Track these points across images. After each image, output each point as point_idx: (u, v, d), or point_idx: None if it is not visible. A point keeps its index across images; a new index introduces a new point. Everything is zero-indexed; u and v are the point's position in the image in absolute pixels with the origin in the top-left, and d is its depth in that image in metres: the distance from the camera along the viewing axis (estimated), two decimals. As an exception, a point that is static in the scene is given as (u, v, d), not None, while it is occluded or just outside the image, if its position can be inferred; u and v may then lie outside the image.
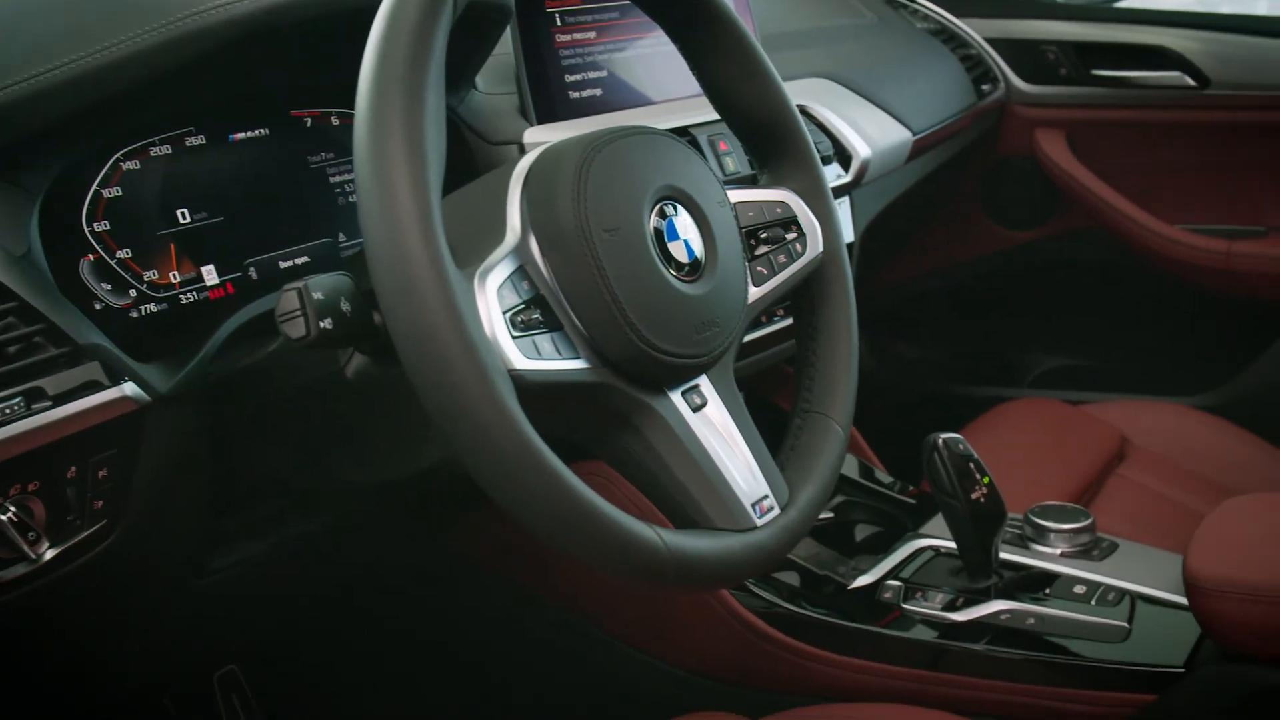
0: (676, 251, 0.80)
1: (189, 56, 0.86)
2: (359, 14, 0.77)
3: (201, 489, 0.96)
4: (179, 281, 0.94)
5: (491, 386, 0.66)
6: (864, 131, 1.51)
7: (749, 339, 1.30)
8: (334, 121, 1.06)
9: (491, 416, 0.65)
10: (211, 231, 0.96)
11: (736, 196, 0.92)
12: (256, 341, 0.93)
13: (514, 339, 0.71)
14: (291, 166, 1.03)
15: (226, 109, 0.98)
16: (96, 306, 0.88)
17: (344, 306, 0.74)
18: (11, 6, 0.91)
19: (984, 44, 2.12)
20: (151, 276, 0.92)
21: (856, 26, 1.98)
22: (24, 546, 0.81)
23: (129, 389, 0.84)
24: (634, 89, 1.27)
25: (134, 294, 0.91)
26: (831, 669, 1.21)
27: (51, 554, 0.83)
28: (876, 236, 1.68)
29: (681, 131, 1.23)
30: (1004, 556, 1.24)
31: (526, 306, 0.74)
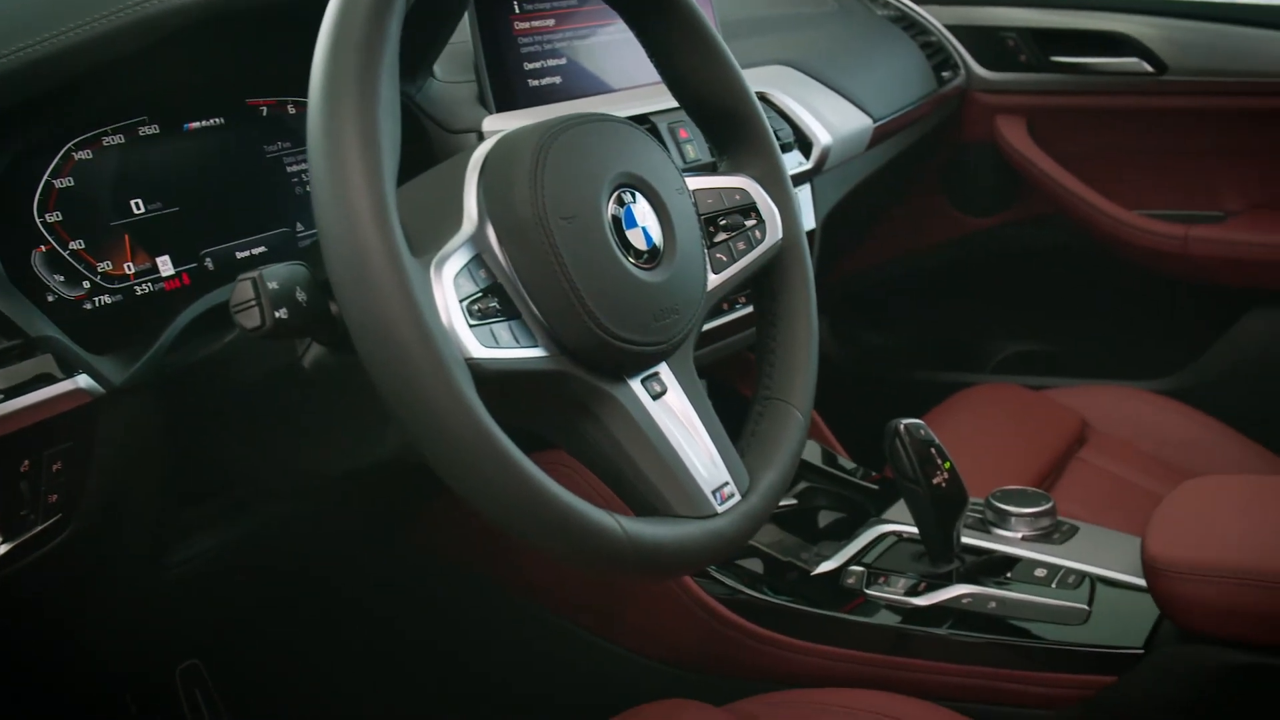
0: (635, 239, 0.80)
1: (140, 44, 0.85)
2: (313, 1, 0.76)
3: (159, 481, 0.95)
4: (133, 273, 0.93)
5: (448, 375, 0.65)
6: (825, 119, 1.51)
7: (710, 327, 1.30)
8: (290, 110, 1.05)
9: (448, 405, 0.65)
10: (166, 222, 0.95)
11: (695, 184, 0.92)
12: (213, 333, 0.93)
13: (471, 328, 0.71)
14: (247, 156, 1.02)
15: (180, 98, 0.97)
16: (49, 298, 0.87)
17: (300, 296, 0.73)
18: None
19: (944, 31, 2.12)
20: (105, 268, 0.91)
21: (817, 14, 1.98)
22: (-24, 541, 0.81)
23: (82, 381, 0.83)
24: (594, 76, 1.27)
25: (87, 285, 0.90)
26: (795, 655, 1.21)
27: (5, 549, 0.82)
28: (838, 224, 1.68)
29: (641, 119, 1.23)
30: (966, 541, 1.25)
31: (484, 295, 0.73)
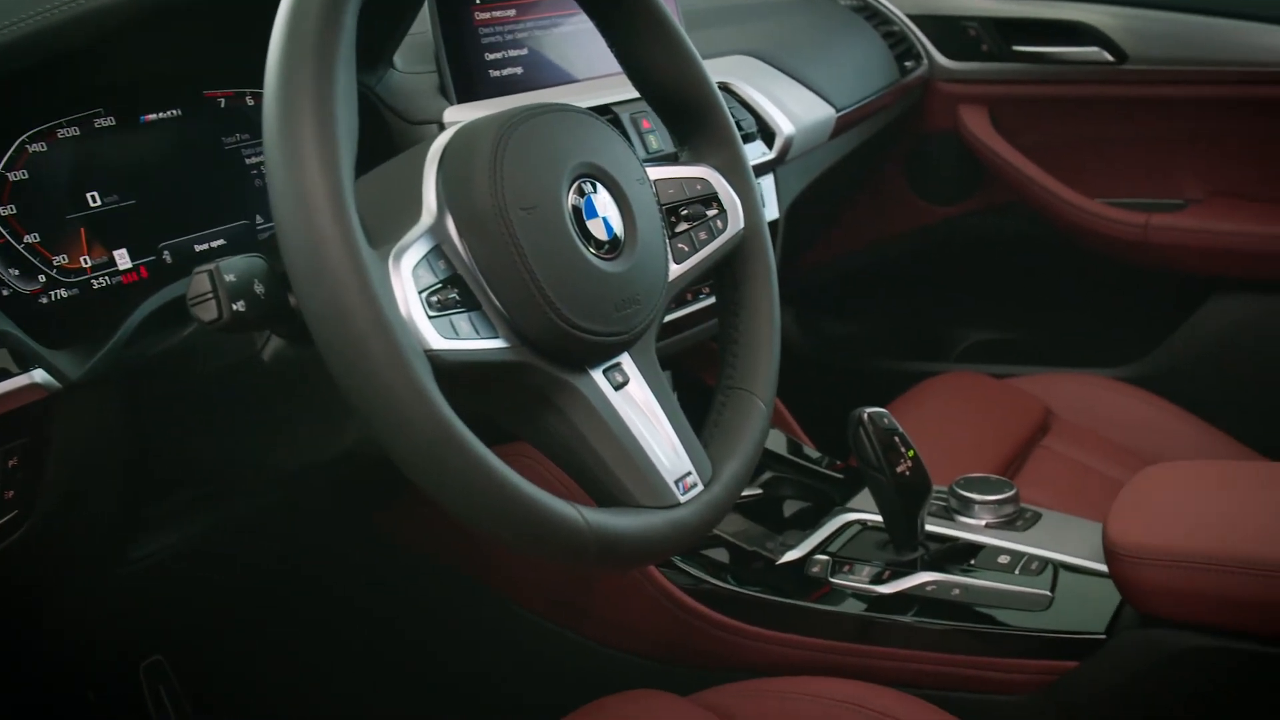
0: (595, 229, 0.80)
1: (94, 35, 0.84)
2: None
3: (119, 476, 0.94)
4: (90, 266, 0.92)
5: (407, 367, 0.65)
6: (787, 108, 1.51)
7: (673, 318, 1.30)
8: (249, 102, 1.04)
9: (407, 396, 0.65)
10: (123, 215, 0.94)
11: (656, 174, 0.92)
12: (172, 326, 0.92)
13: (430, 319, 0.70)
14: (205, 148, 1.01)
15: (137, 89, 0.96)
16: (3, 292, 0.86)
17: (258, 289, 0.73)
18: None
19: (906, 20, 2.13)
20: (61, 261, 0.90)
21: (779, 3, 1.99)
22: (-68, 539, 0.80)
23: (38, 376, 0.82)
24: (557, 67, 1.26)
25: (43, 279, 0.89)
26: (761, 644, 1.21)
27: (-39, 545, 0.82)
28: (802, 213, 1.69)
29: (604, 109, 1.22)
30: (930, 529, 1.26)
31: (443, 286, 0.73)
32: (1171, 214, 2.01)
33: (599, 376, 0.81)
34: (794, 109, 1.54)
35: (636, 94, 0.99)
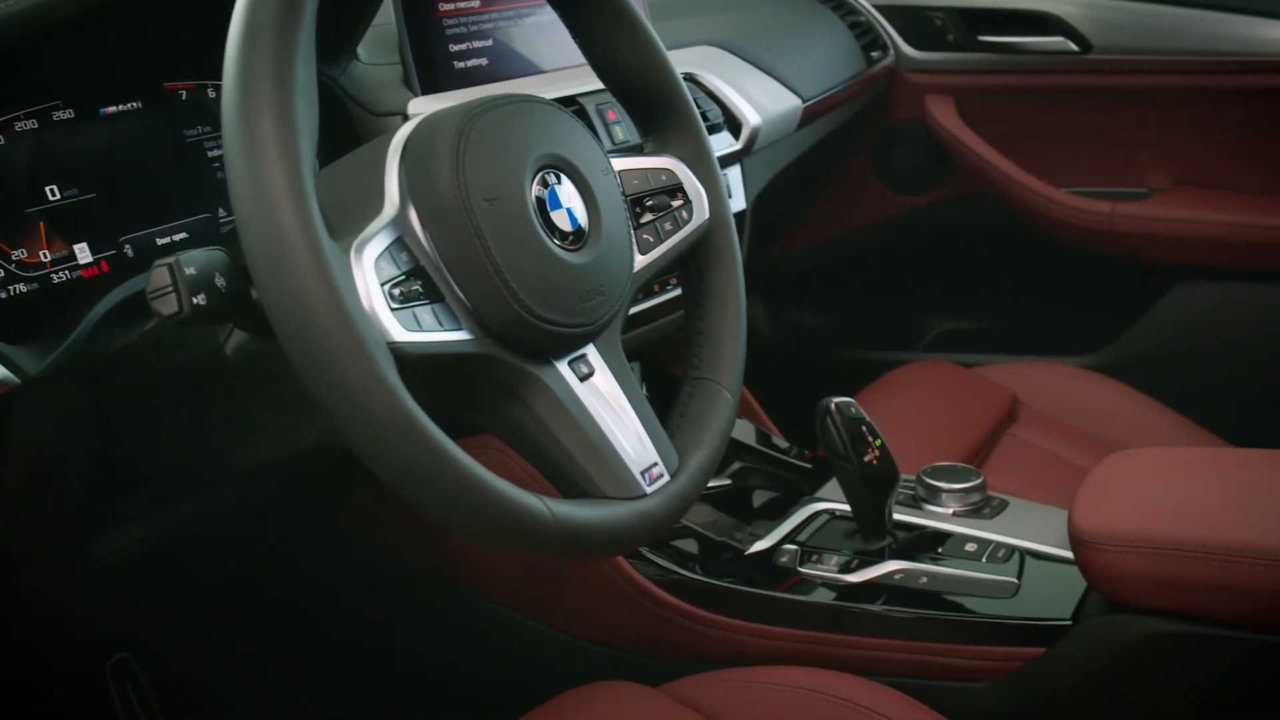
0: (559, 220, 0.80)
1: (48, 25, 0.83)
2: None
3: (81, 472, 0.93)
4: (50, 260, 0.91)
5: (369, 359, 0.65)
6: (754, 99, 1.51)
7: (640, 309, 1.30)
8: (210, 94, 1.03)
9: (369, 388, 0.64)
10: (83, 208, 0.93)
11: (621, 165, 0.91)
12: (134, 321, 0.91)
13: (393, 311, 0.70)
14: (166, 141, 1.00)
15: (96, 81, 0.95)
16: None
17: (219, 282, 0.72)
18: None
19: (873, 11, 2.13)
20: (20, 255, 0.89)
21: (746, -6, 1.98)
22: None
23: None
24: (522, 58, 1.26)
25: (1, 274, 0.88)
26: (731, 634, 1.22)
27: (-79, 543, 0.81)
28: (769, 204, 1.69)
29: (569, 100, 1.22)
30: (897, 517, 1.26)
31: (406, 278, 0.72)
32: (1136, 203, 2.02)
33: (564, 368, 0.81)
34: (760, 100, 1.54)
35: (602, 85, 0.99)
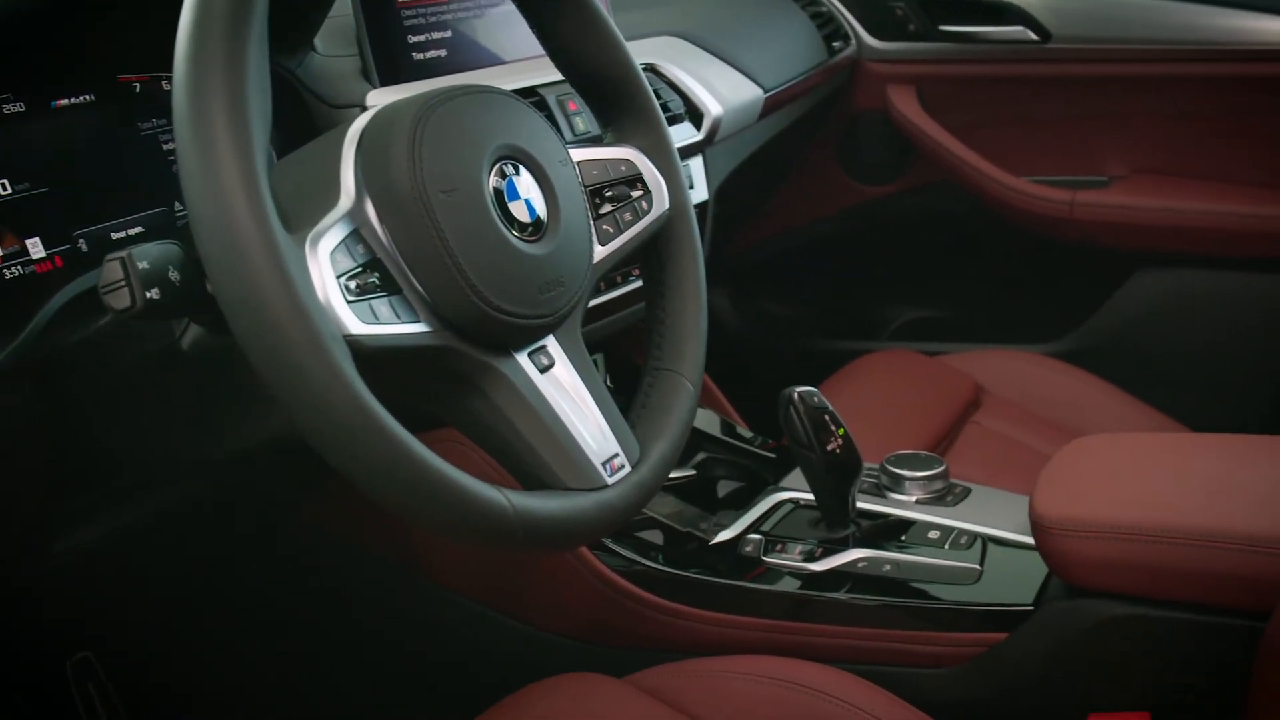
0: (517, 211, 0.79)
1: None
2: None
3: (35, 470, 0.92)
4: (1, 256, 0.89)
5: (325, 352, 0.64)
6: (715, 89, 1.51)
7: (602, 301, 1.30)
8: (165, 86, 1.02)
9: (326, 381, 0.64)
10: (36, 203, 0.92)
11: (580, 155, 0.91)
12: (89, 316, 0.90)
13: (349, 304, 0.69)
14: (121, 134, 0.99)
15: (47, 74, 0.94)
16: None
17: (173, 276, 0.71)
18: None
19: (834, 1, 2.14)
20: None
21: (707, -15, 1.98)
22: None
23: None
24: (483, 48, 1.25)
25: None
26: (696, 624, 1.22)
27: None
28: (732, 195, 1.69)
29: (529, 92, 1.21)
30: (861, 506, 1.27)
31: (363, 270, 0.72)
32: (1096, 191, 2.03)
33: (524, 359, 0.81)
34: (722, 90, 1.54)
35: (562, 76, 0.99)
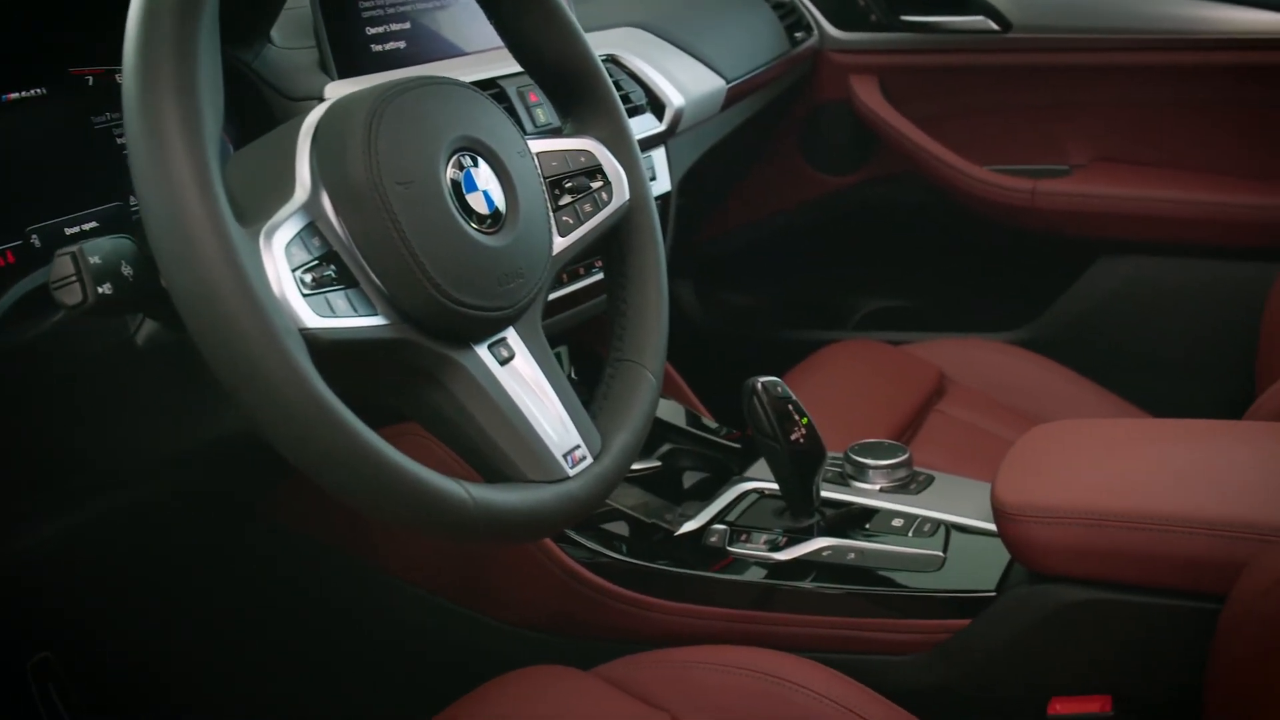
0: (475, 203, 0.79)
1: None
2: None
3: None
4: None
5: (280, 345, 0.64)
6: (677, 80, 1.51)
7: (564, 293, 1.30)
8: (118, 80, 1.01)
9: (281, 375, 0.64)
10: None
11: (539, 147, 0.91)
12: (44, 312, 0.89)
13: (305, 297, 0.69)
14: (74, 128, 0.98)
15: None
16: None
17: (125, 270, 0.71)
18: None
19: (796, -9, 2.14)
20: None
21: (669, -24, 1.98)
22: None
23: None
24: (442, 39, 1.25)
25: None
26: (662, 615, 1.22)
27: None
28: (695, 186, 1.69)
29: (489, 83, 1.21)
30: (825, 495, 1.27)
31: (319, 263, 0.71)
32: (1057, 180, 2.04)
33: (484, 352, 0.80)
34: (684, 81, 1.53)
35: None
